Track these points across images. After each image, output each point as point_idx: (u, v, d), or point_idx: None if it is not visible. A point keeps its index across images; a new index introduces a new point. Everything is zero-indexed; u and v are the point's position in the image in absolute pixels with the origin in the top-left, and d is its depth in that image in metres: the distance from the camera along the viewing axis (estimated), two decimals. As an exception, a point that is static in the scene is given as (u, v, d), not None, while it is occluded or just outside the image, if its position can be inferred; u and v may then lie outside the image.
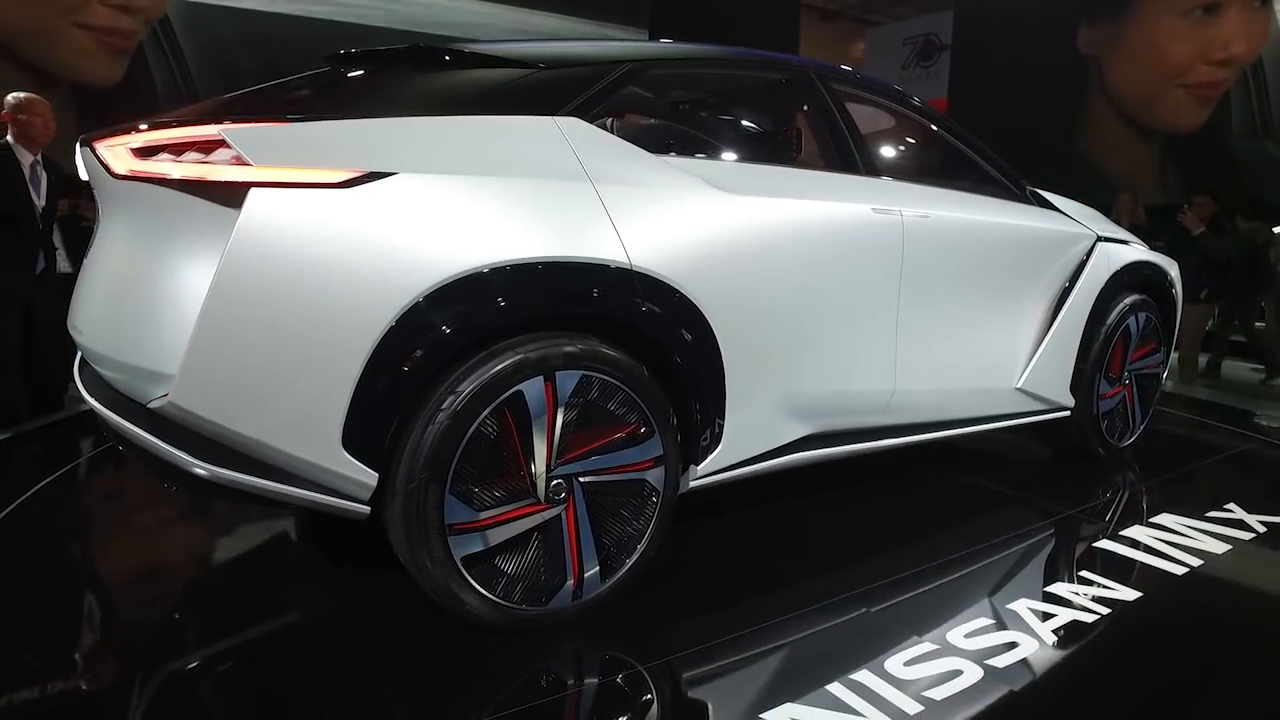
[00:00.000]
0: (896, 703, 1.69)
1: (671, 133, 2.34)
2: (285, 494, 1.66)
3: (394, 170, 1.65)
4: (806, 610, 2.05)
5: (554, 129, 1.88)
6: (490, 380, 1.70)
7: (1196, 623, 2.16)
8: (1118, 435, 3.30)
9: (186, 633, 1.98)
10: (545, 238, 1.76)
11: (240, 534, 2.59)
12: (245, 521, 2.62)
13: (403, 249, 1.63)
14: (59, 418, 3.95)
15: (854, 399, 2.40)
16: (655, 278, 1.88)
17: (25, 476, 2.97)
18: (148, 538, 2.61)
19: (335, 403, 1.60)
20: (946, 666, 1.83)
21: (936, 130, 2.85)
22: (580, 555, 1.89)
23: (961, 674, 1.81)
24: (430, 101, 1.86)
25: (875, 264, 2.34)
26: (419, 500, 1.68)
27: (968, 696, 1.74)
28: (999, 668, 1.84)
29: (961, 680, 1.79)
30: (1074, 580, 2.29)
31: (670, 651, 1.87)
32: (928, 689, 1.75)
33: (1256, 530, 2.67)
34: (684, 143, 2.29)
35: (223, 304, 1.53)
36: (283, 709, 1.68)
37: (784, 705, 1.67)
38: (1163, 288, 3.38)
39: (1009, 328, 2.82)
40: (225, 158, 1.56)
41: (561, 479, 1.84)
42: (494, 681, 1.74)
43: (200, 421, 1.57)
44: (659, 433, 1.94)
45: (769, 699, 1.69)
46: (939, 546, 2.45)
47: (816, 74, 2.44)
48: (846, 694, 1.72)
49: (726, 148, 2.38)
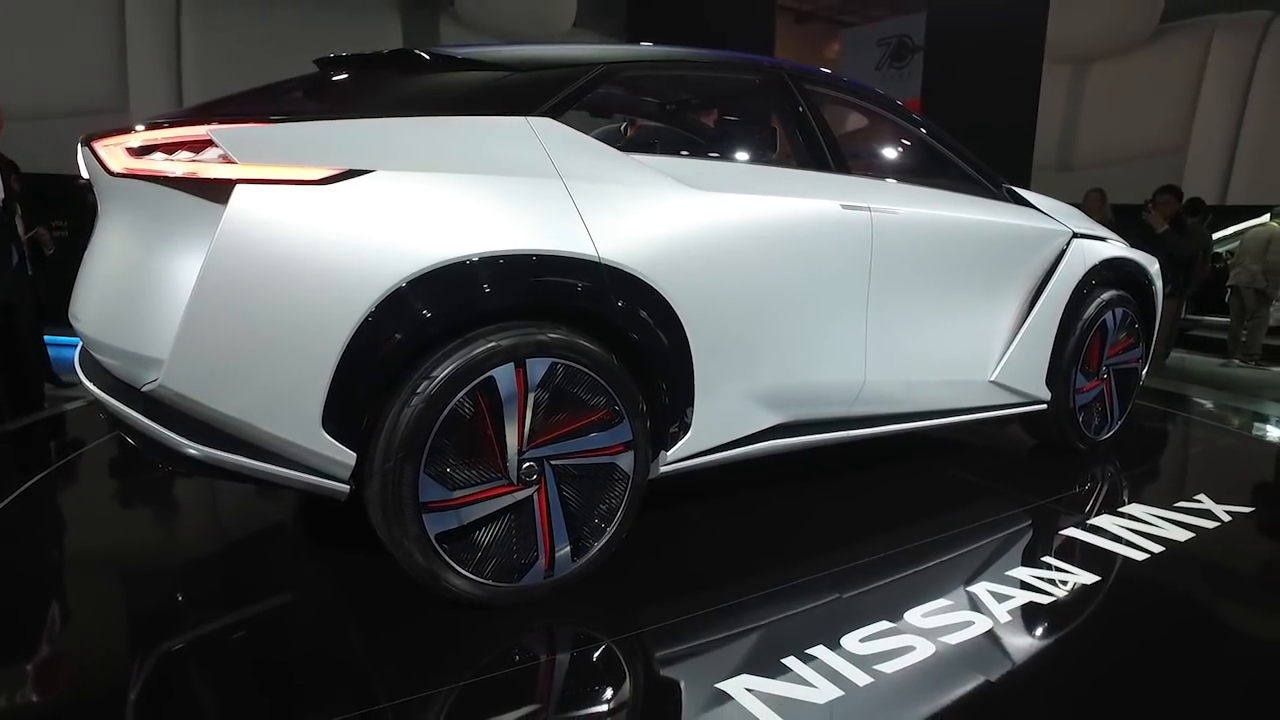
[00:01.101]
0: (848, 675, 1.78)
1: (641, 131, 2.43)
2: (270, 473, 1.76)
3: (371, 168, 1.75)
4: (772, 591, 2.14)
5: (527, 129, 1.97)
6: (463, 366, 1.80)
7: (1148, 605, 2.23)
8: (1095, 429, 3.36)
9: (184, 612, 2.08)
10: (515, 232, 1.85)
11: (233, 525, 2.71)
12: (238, 512, 2.74)
13: (379, 242, 1.73)
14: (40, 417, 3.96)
15: (823, 390, 2.48)
16: (623, 270, 1.97)
17: (12, 475, 3.02)
18: (141, 530, 2.74)
19: (315, 386, 1.70)
20: (900, 643, 1.91)
21: (911, 129, 2.92)
22: (552, 535, 1.98)
23: (914, 650, 1.89)
24: (410, 103, 1.96)
25: (843, 259, 2.42)
26: (395, 480, 1.78)
27: (917, 670, 1.82)
28: (951, 644, 1.92)
29: (913, 655, 1.87)
30: (1036, 565, 2.36)
31: (637, 628, 1.96)
32: (879, 663, 1.83)
33: (1221, 519, 2.73)
34: (654, 141, 2.37)
35: (210, 293, 1.64)
36: (270, 681, 1.77)
37: (740, 676, 1.75)
38: (1141, 284, 3.43)
39: (982, 321, 2.89)
40: (213, 156, 1.67)
41: (533, 461, 1.93)
42: (469, 653, 1.83)
43: (189, 403, 1.68)
44: (628, 419, 2.03)
45: (727, 671, 1.78)
46: (910, 534, 2.52)
47: (789, 74, 2.52)
48: (801, 667, 1.80)
49: (696, 146, 2.47)
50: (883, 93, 2.90)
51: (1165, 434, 4.20)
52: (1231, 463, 3.72)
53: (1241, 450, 4.05)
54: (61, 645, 1.93)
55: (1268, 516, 2.87)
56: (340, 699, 1.65)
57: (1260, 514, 2.84)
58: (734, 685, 1.72)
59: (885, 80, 12.84)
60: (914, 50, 12.52)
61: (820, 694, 1.71)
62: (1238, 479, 3.31)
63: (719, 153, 2.36)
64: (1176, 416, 4.54)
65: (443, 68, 2.15)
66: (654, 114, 2.61)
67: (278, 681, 1.76)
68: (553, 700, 1.72)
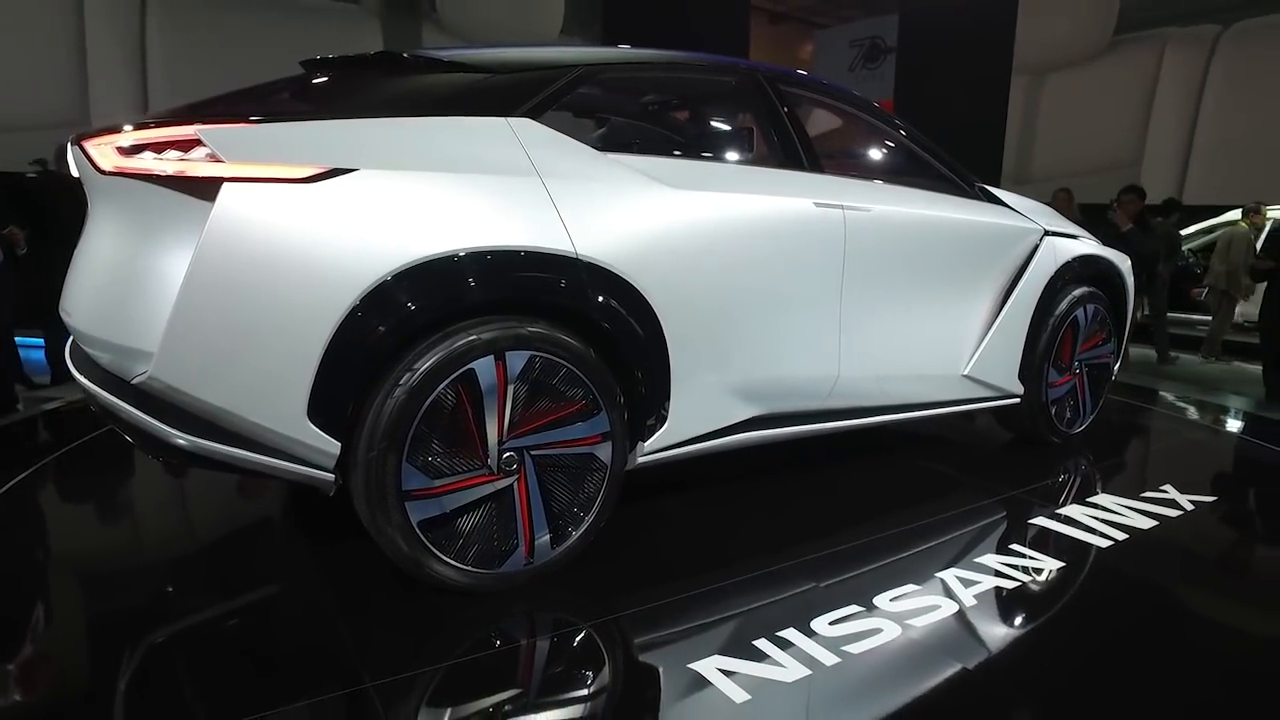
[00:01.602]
0: (816, 655, 1.85)
1: (619, 131, 2.49)
2: (257, 463, 1.82)
3: (355, 166, 1.80)
4: (747, 578, 2.20)
5: (506, 129, 2.03)
6: (444, 359, 1.86)
7: (1108, 588, 2.32)
8: (1068, 422, 3.44)
9: (171, 602, 2.13)
10: (495, 229, 1.91)
11: (219, 520, 2.76)
12: (224, 508, 2.79)
13: (362, 238, 1.78)
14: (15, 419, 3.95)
15: (798, 383, 2.54)
16: (600, 266, 2.03)
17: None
18: (126, 527, 2.79)
19: (301, 377, 1.76)
20: (868, 626, 1.98)
21: (885, 130, 3.00)
22: (531, 523, 2.05)
23: (881, 632, 1.96)
24: (393, 103, 2.02)
25: (817, 255, 2.48)
26: (378, 469, 1.83)
27: (883, 651, 1.89)
28: (916, 627, 1.99)
29: (880, 637, 1.94)
30: (1005, 553, 2.44)
31: (614, 613, 2.02)
32: (847, 644, 1.90)
33: (1185, 509, 2.82)
34: (631, 141, 2.44)
35: (198, 288, 1.69)
36: (256, 665, 1.83)
37: (712, 657, 1.82)
38: (1112, 281, 3.51)
39: (954, 317, 2.97)
40: (200, 155, 1.72)
41: (513, 451, 2.00)
42: (451, 638, 1.89)
43: (178, 395, 1.73)
44: (606, 410, 2.09)
45: (699, 652, 1.84)
46: (885, 524, 2.59)
47: (765, 76, 2.59)
48: (771, 648, 1.87)
49: (672, 146, 2.53)
50: (858, 94, 2.97)
51: (1136, 427, 4.30)
52: (1197, 455, 3.83)
53: (1208, 443, 4.18)
54: (50, 637, 1.98)
55: (1227, 505, 2.97)
56: (325, 680, 1.71)
57: (1221, 503, 2.93)
58: (706, 666, 1.79)
59: (858, 81, 13.11)
60: (886, 51, 12.75)
61: (789, 673, 1.77)
62: (1202, 470, 3.42)
63: (695, 152, 2.43)
64: (1147, 411, 4.65)
65: (426, 70, 2.20)
66: (632, 115, 2.68)
67: (264, 665, 1.81)
68: (531, 682, 1.78)
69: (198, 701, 1.66)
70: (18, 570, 2.31)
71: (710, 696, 1.69)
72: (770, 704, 1.68)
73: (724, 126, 2.44)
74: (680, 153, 2.49)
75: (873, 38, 13.29)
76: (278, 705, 1.62)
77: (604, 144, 2.23)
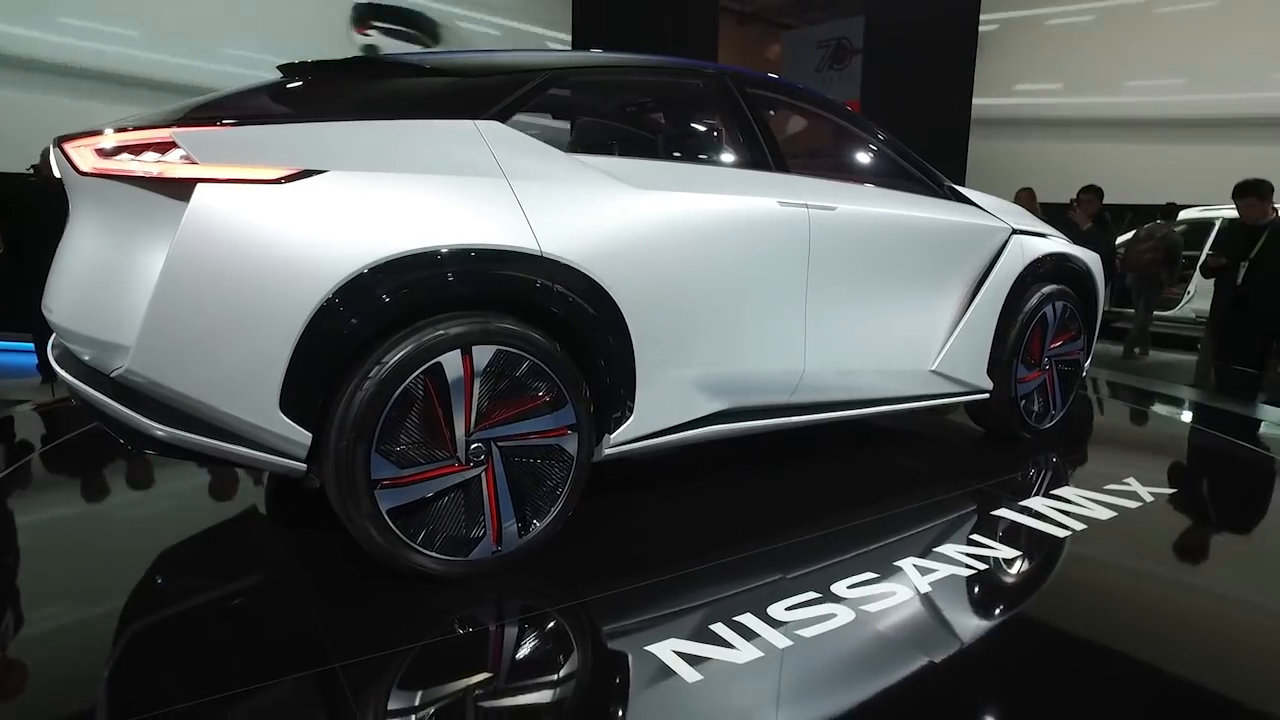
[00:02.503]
0: (769, 638, 1.91)
1: (586, 133, 2.57)
2: (232, 453, 1.89)
3: (325, 168, 1.88)
4: (710, 567, 2.27)
5: (474, 131, 2.10)
6: (411, 353, 1.93)
7: (1060, 576, 2.39)
8: (1038, 418, 3.51)
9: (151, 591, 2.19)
10: (461, 227, 1.98)
11: (209, 510, 2.83)
12: (214, 500, 2.86)
13: (332, 237, 1.86)
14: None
15: (764, 378, 2.61)
16: (565, 263, 2.10)
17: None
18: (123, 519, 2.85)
19: (273, 371, 1.83)
20: (823, 611, 2.05)
21: (853, 131, 3.07)
22: (499, 512, 2.12)
23: (835, 617, 2.03)
24: (365, 107, 2.09)
25: (781, 253, 2.55)
26: (348, 459, 1.90)
27: (834, 635, 1.95)
28: (870, 612, 2.06)
29: (834, 622, 2.00)
30: (963, 542, 2.50)
31: (578, 599, 2.09)
32: (800, 629, 1.96)
33: (1144, 500, 2.89)
34: (597, 142, 2.51)
35: (173, 284, 1.76)
36: (228, 648, 1.90)
37: (669, 640, 1.89)
38: (1081, 278, 3.58)
39: (922, 313, 3.04)
40: (176, 157, 1.79)
41: (481, 442, 2.07)
42: (421, 622, 1.96)
43: (155, 387, 1.80)
44: (572, 403, 2.16)
45: (657, 636, 1.91)
46: (852, 515, 2.66)
47: (731, 79, 2.66)
48: (727, 631, 1.94)
49: (638, 147, 2.60)
50: (826, 96, 3.04)
51: (1105, 422, 4.39)
52: (1163, 448, 3.93)
53: (1174, 436, 4.28)
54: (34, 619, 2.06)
55: (1185, 497, 3.05)
56: (294, 660, 1.78)
57: (1180, 495, 3.01)
58: (662, 648, 1.85)
59: (825, 82, 13.36)
60: (853, 53, 12.92)
61: (741, 655, 1.84)
62: (1166, 463, 3.51)
63: (660, 153, 2.50)
64: (1119, 406, 4.73)
65: (399, 74, 2.28)
66: (599, 117, 2.75)
67: (238, 648, 1.88)
68: (495, 664, 1.85)
69: (174, 682, 1.73)
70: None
71: (663, 677, 1.76)
72: (720, 684, 1.75)
73: (689, 128, 2.52)
74: (646, 153, 2.57)
75: (839, 39, 13.52)
76: (249, 685, 1.69)
77: (571, 145, 2.30)
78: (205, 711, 1.60)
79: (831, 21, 14.10)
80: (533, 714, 1.67)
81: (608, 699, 1.75)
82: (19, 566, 2.36)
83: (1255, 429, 4.32)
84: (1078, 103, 10.57)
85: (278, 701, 1.66)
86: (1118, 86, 10.24)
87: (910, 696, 1.77)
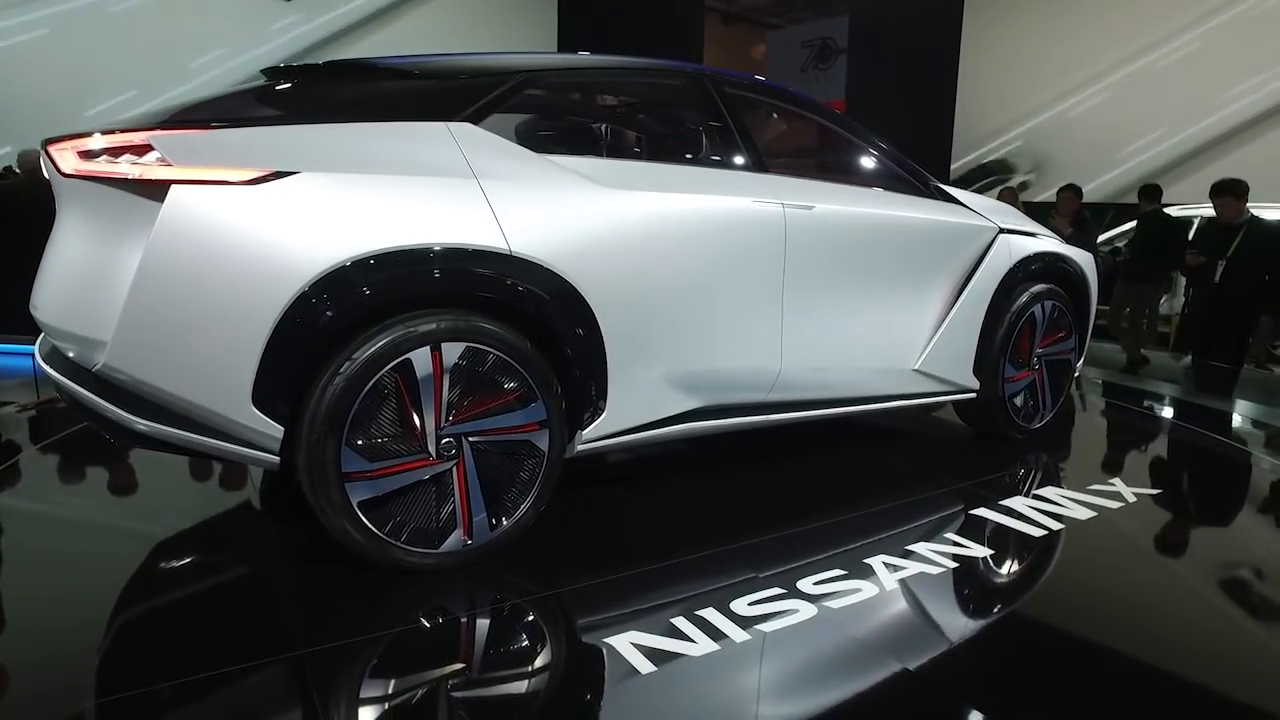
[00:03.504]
0: (728, 632, 1.94)
1: (560, 134, 2.61)
2: (209, 446, 1.95)
3: (296, 169, 1.93)
4: (684, 560, 2.29)
5: (445, 133, 2.15)
6: (381, 349, 1.98)
7: (1030, 575, 2.40)
8: (1026, 417, 3.49)
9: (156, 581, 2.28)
10: (429, 227, 2.03)
11: (206, 504, 2.91)
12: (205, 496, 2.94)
13: (302, 236, 1.91)
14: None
15: (739, 377, 2.64)
16: (534, 262, 2.14)
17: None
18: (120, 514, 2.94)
19: (245, 366, 1.89)
20: (786, 607, 2.07)
21: (836, 130, 3.07)
22: (470, 506, 2.16)
23: (797, 612, 2.05)
24: (339, 110, 2.15)
25: (755, 252, 2.57)
26: (319, 452, 1.96)
27: (794, 630, 1.98)
28: (833, 608, 2.08)
29: (795, 617, 2.02)
30: (937, 540, 2.51)
31: (546, 590, 2.13)
32: (761, 624, 1.99)
33: (1128, 501, 2.87)
34: (571, 143, 2.55)
35: (148, 281, 1.83)
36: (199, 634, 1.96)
37: (629, 632, 1.92)
38: (1071, 278, 3.56)
39: (904, 312, 3.04)
40: (152, 159, 1.86)
41: (451, 437, 2.11)
42: (395, 611, 2.01)
43: (132, 381, 1.87)
44: (543, 399, 2.20)
45: (619, 629, 1.94)
46: (830, 513, 2.67)
47: (710, 79, 2.69)
48: (687, 625, 1.96)
49: (612, 147, 2.64)
50: (810, 96, 3.05)
51: (1098, 422, 4.36)
52: (1154, 449, 3.90)
53: (1163, 436, 4.24)
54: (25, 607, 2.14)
55: (1170, 498, 3.02)
56: (262, 647, 1.84)
57: (1164, 496, 2.98)
58: (621, 640, 1.89)
59: (810, 81, 13.52)
60: (838, 52, 13.02)
61: (698, 648, 1.87)
62: (1154, 464, 3.48)
63: (634, 153, 2.53)
64: (1112, 405, 4.70)
65: (377, 77, 2.33)
66: (574, 118, 2.78)
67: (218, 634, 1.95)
68: (455, 652, 1.90)
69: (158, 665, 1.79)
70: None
71: (618, 668, 1.79)
72: (673, 675, 1.78)
73: (665, 129, 2.54)
74: (621, 154, 2.60)
75: (823, 39, 13.64)
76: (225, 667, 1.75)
77: (545, 146, 2.34)
78: (187, 690, 1.68)
79: (816, 21, 14.34)
80: (478, 701, 1.72)
81: (560, 689, 1.79)
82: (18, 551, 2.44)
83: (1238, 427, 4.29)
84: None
85: (250, 685, 1.72)
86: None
87: (857, 690, 1.79)
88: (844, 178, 2.96)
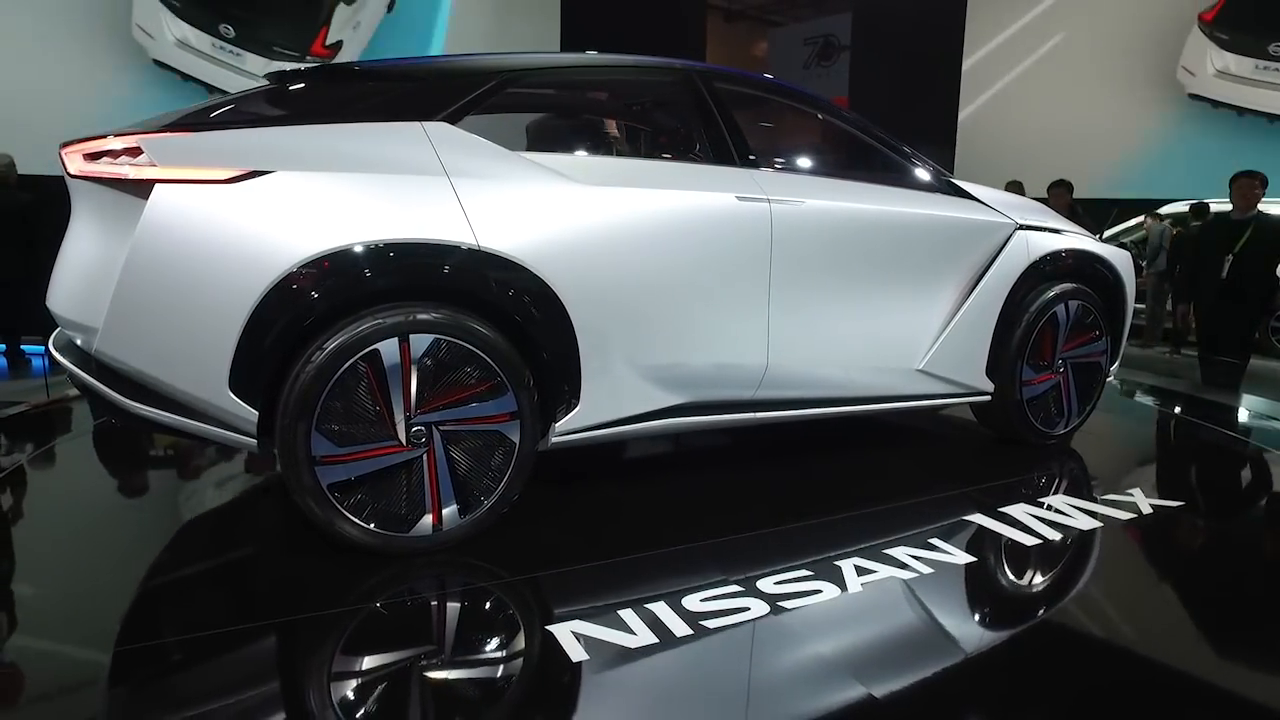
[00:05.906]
0: (671, 626, 1.94)
1: (542, 132, 2.65)
2: (193, 428, 2.10)
3: (272, 169, 2.05)
4: (653, 554, 2.31)
5: (420, 132, 2.23)
6: (349, 339, 2.08)
7: (1007, 586, 2.31)
8: (1048, 422, 3.33)
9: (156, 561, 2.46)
10: (399, 223, 2.12)
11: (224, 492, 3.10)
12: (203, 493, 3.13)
13: (276, 232, 2.03)
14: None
15: (722, 373, 2.62)
16: (501, 256, 2.20)
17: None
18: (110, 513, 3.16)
19: (222, 353, 2.02)
20: (738, 604, 2.06)
21: (836, 124, 3.00)
22: (439, 493, 2.24)
23: (748, 610, 2.03)
24: (321, 111, 2.26)
25: (738, 248, 2.55)
26: (290, 436, 2.07)
27: (738, 628, 1.96)
28: (787, 609, 2.05)
29: (744, 615, 2.01)
30: (918, 545, 2.43)
31: (503, 578, 2.19)
32: (707, 619, 1.98)
33: (1142, 512, 2.71)
34: (549, 141, 2.59)
35: (134, 272, 1.98)
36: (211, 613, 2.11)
37: (571, 622, 1.95)
38: (1102, 277, 3.37)
39: (905, 310, 2.95)
40: (141, 161, 2.01)
41: (422, 426, 2.19)
42: (362, 593, 2.10)
43: (121, 365, 2.03)
44: (514, 391, 2.26)
45: (564, 617, 1.98)
46: (817, 513, 2.63)
47: (698, 75, 2.68)
48: (632, 617, 1.98)
49: (590, 144, 2.66)
50: (810, 91, 3.00)
51: (1134, 429, 4.09)
52: (1190, 459, 3.64)
53: (1209, 448, 3.91)
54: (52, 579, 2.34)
55: (1189, 513, 2.82)
56: (228, 615, 1.97)
57: (1185, 510, 2.80)
58: (562, 628, 1.92)
59: (813, 79, 13.45)
60: (840, 49, 12.79)
61: (636, 640, 1.88)
62: (1184, 475, 3.24)
63: (617, 150, 2.55)
64: (1155, 412, 4.40)
65: (364, 79, 2.44)
66: (554, 116, 2.81)
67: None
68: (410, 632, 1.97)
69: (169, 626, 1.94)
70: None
71: (551, 655, 1.83)
72: (603, 663, 1.80)
73: (649, 125, 2.55)
74: (602, 151, 2.62)
75: (826, 36, 13.44)
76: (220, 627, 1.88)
77: (528, 145, 2.39)
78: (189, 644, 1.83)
79: (819, 18, 14.19)
80: (402, 681, 1.77)
81: (489, 669, 1.83)
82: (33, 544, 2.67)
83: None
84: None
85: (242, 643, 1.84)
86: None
87: (788, 689, 1.76)
88: (842, 172, 2.89)
